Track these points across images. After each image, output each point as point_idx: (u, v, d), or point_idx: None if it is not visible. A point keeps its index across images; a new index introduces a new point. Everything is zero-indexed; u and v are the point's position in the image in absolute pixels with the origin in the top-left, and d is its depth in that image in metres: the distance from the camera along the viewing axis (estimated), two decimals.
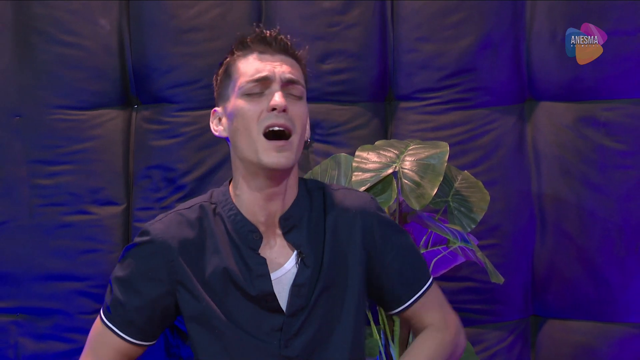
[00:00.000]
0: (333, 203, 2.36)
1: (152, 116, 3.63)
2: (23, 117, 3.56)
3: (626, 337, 3.57)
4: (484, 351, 3.63)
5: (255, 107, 2.20)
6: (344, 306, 2.32)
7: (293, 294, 2.26)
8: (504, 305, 3.64)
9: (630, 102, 3.55)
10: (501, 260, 3.57)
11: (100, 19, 3.57)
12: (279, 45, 2.27)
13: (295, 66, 2.27)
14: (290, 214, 2.29)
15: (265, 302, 2.24)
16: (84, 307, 3.57)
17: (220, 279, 2.24)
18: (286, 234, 2.29)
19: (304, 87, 2.28)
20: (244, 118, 2.21)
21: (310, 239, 2.30)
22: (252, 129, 2.19)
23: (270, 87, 2.22)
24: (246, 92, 2.22)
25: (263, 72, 2.22)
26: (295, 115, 2.21)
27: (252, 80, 2.22)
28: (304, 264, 2.28)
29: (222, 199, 2.32)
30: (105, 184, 3.60)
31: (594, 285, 3.58)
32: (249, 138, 2.20)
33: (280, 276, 2.26)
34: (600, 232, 3.57)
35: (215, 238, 2.27)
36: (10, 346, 3.56)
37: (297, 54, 2.31)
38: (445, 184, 3.25)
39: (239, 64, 2.26)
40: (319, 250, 2.30)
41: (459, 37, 3.60)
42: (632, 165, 3.55)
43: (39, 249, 3.54)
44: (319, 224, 2.33)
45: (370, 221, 2.37)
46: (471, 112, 3.63)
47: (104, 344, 2.30)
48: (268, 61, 2.24)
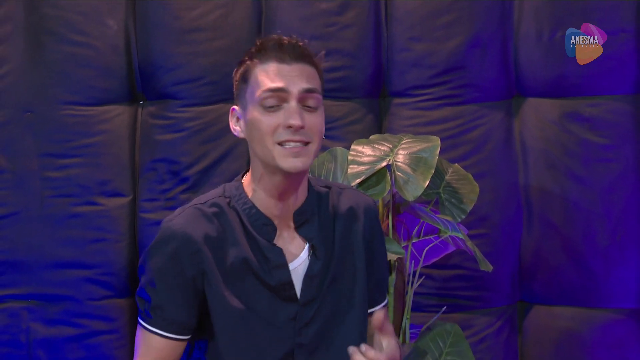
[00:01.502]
0: (341, 201, 2.36)
1: (157, 112, 3.65)
2: (34, 112, 3.59)
3: (608, 321, 3.59)
4: (473, 336, 3.64)
5: (271, 121, 2.16)
6: (351, 297, 2.33)
7: (306, 285, 2.26)
8: (492, 292, 3.66)
9: (612, 98, 3.58)
10: (490, 249, 3.58)
11: (108, 19, 3.60)
12: (296, 53, 2.20)
13: (312, 74, 2.21)
14: (304, 210, 2.28)
15: (284, 291, 2.24)
16: (93, 293, 3.60)
17: (241, 268, 2.23)
18: (298, 228, 2.28)
19: (320, 94, 2.23)
20: (260, 130, 2.17)
21: (321, 233, 2.30)
22: (268, 141, 2.16)
23: (287, 100, 2.17)
24: (263, 104, 2.18)
25: (279, 83, 2.16)
26: (312, 127, 2.18)
27: (269, 90, 2.16)
28: (316, 256, 2.28)
29: (235, 193, 2.28)
30: (113, 176, 3.62)
31: (578, 272, 3.60)
32: (263, 147, 2.17)
33: (295, 267, 2.27)
34: (584, 222, 3.59)
35: (232, 230, 2.25)
36: (22, 331, 3.59)
37: (314, 60, 2.24)
38: (437, 176, 3.27)
39: (256, 72, 2.20)
40: (329, 244, 2.31)
41: (449, 37, 3.62)
42: (614, 158, 3.57)
43: (50, 238, 3.57)
44: (328, 220, 2.33)
45: (371, 223, 2.38)
46: (461, 108, 3.65)
47: (152, 348, 2.24)
48: (285, 71, 2.18)
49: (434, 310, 3.52)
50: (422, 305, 3.59)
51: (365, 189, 3.13)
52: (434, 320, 3.33)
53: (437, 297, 3.65)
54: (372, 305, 2.40)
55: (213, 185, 3.44)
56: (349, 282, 2.32)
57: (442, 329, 3.30)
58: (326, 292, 2.29)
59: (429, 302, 3.63)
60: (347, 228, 2.34)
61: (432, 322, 3.33)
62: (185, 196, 3.61)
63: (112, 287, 3.63)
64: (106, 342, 3.62)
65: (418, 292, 3.46)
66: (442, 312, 3.41)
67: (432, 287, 3.65)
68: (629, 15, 3.55)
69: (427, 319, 3.39)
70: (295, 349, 2.26)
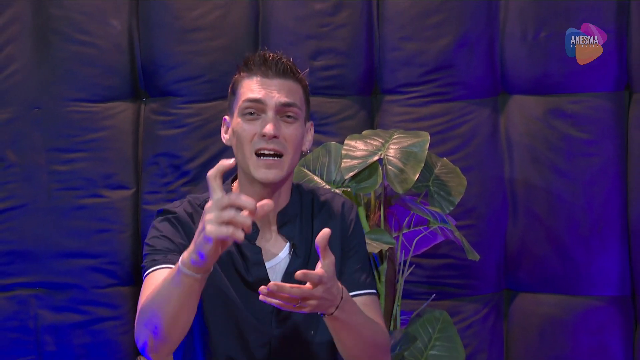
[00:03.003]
0: (321, 205, 2.38)
1: (159, 108, 3.67)
2: (42, 109, 3.61)
3: (589, 308, 3.61)
4: (461, 322, 3.65)
5: (249, 128, 2.23)
6: None
7: (285, 281, 2.25)
8: (479, 280, 3.67)
9: (594, 95, 3.60)
10: (477, 239, 3.59)
11: (112, 19, 3.62)
12: (278, 69, 2.25)
13: (293, 89, 2.27)
14: (286, 212, 2.32)
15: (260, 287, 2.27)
16: (98, 281, 3.63)
17: (225, 262, 2.25)
18: (280, 228, 2.32)
19: (300, 108, 2.28)
20: (240, 137, 2.24)
21: (301, 233, 2.33)
22: (246, 148, 2.23)
23: (265, 111, 2.23)
24: (243, 113, 2.25)
25: (258, 95, 2.23)
26: (288, 138, 2.24)
27: (247, 100, 2.24)
28: (296, 254, 2.31)
29: None
30: (117, 170, 3.64)
31: (561, 262, 3.62)
32: (243, 155, 2.24)
33: (274, 265, 2.30)
34: (567, 214, 3.61)
35: None
36: (30, 317, 3.61)
37: (298, 76, 2.29)
38: (426, 170, 3.27)
39: (241, 84, 2.27)
40: (308, 243, 2.32)
41: (438, 36, 3.63)
42: (596, 152, 3.59)
43: (57, 229, 3.60)
44: (308, 221, 2.36)
45: (348, 222, 2.38)
46: (449, 105, 3.66)
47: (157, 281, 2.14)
48: (266, 84, 2.25)
49: (424, 297, 3.51)
50: (412, 292, 3.59)
51: (358, 182, 3.15)
52: (423, 307, 3.34)
53: (427, 285, 3.66)
54: (357, 289, 2.35)
55: None
56: None
57: (432, 315, 3.31)
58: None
59: (418, 290, 3.63)
60: (324, 226, 2.30)
61: (421, 309, 3.34)
62: (186, 189, 3.63)
63: (116, 276, 3.65)
64: (111, 328, 3.64)
65: (408, 280, 3.44)
66: (432, 299, 3.39)
67: (421, 275, 3.65)
68: (610, 16, 3.56)
69: (417, 306, 3.40)
70: (272, 340, 2.29)
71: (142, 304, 2.11)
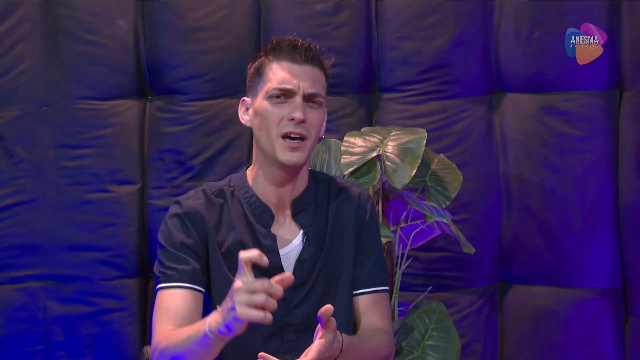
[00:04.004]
0: (337, 194, 2.40)
1: (164, 106, 3.68)
2: (51, 106, 3.62)
3: (581, 300, 3.60)
4: (457, 313, 3.65)
5: (277, 111, 2.24)
6: (340, 282, 2.36)
7: (297, 268, 2.30)
8: (474, 272, 3.68)
9: (586, 93, 3.59)
10: (472, 233, 3.59)
11: (118, 20, 3.63)
12: (307, 55, 2.27)
13: (319, 77, 2.30)
14: (301, 199, 2.34)
15: (273, 274, 2.12)
16: (105, 274, 3.63)
17: (236, 251, 2.18)
18: (295, 216, 2.34)
19: (323, 96, 2.30)
20: (267, 120, 2.25)
21: (315, 222, 2.34)
22: (272, 130, 2.24)
23: (293, 96, 2.25)
24: (272, 97, 2.25)
25: (289, 84, 2.24)
26: (312, 123, 2.26)
27: (278, 88, 2.24)
28: (308, 243, 2.32)
29: (239, 183, 2.35)
30: (123, 165, 3.65)
31: (553, 254, 3.62)
32: (268, 137, 2.25)
33: (287, 252, 2.31)
34: (559, 208, 3.60)
35: (233, 217, 2.30)
36: (39, 308, 3.61)
37: (323, 64, 2.32)
38: (423, 165, 3.28)
39: (269, 67, 2.28)
40: (322, 232, 2.34)
41: (435, 36, 3.63)
42: (588, 149, 3.58)
43: (65, 223, 3.60)
44: (323, 210, 2.37)
45: (363, 213, 2.40)
46: (446, 103, 3.66)
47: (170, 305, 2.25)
48: (295, 70, 2.26)
49: (421, 289, 3.50)
50: (409, 285, 3.60)
51: (357, 177, 3.15)
52: (420, 299, 3.34)
53: (424, 278, 3.66)
54: (372, 286, 2.40)
55: (216, 174, 3.56)
56: (338, 267, 2.36)
57: (428, 307, 3.30)
58: (317, 277, 2.33)
59: (416, 282, 3.64)
60: (339, 217, 2.39)
61: (418, 301, 3.33)
62: (190, 184, 3.63)
63: (122, 268, 3.66)
64: (117, 319, 3.65)
65: (406, 272, 3.45)
66: (428, 291, 3.39)
67: (419, 268, 3.66)
68: (602, 16, 3.55)
69: (414, 298, 3.38)
70: (284, 328, 2.30)
71: (164, 345, 2.17)
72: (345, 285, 2.38)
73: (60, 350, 3.65)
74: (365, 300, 2.42)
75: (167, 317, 2.23)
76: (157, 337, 2.23)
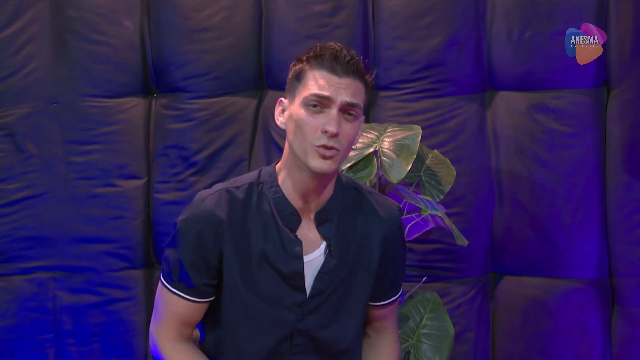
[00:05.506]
0: (367, 206, 2.34)
1: (169, 103, 3.69)
2: (60, 104, 3.64)
3: (570, 290, 3.62)
4: (450, 302, 3.66)
5: (313, 121, 2.17)
6: (356, 296, 2.34)
7: (317, 279, 2.27)
8: (467, 263, 3.69)
9: (575, 91, 3.60)
10: (465, 226, 3.61)
11: (125, 20, 3.64)
12: (348, 67, 2.18)
13: (358, 89, 2.21)
14: (325, 209, 2.28)
15: (293, 280, 2.24)
16: (112, 265, 3.66)
17: (257, 255, 2.22)
18: (319, 226, 2.28)
19: (361, 108, 2.22)
20: (302, 128, 2.18)
21: (339, 234, 2.29)
22: (307, 139, 2.17)
23: (330, 107, 2.17)
24: (307, 104, 2.19)
25: (326, 92, 2.17)
26: (346, 135, 2.18)
27: (315, 95, 2.17)
28: (331, 255, 2.28)
29: (268, 179, 2.29)
30: (129, 161, 3.66)
31: (543, 246, 3.63)
32: (301, 143, 2.19)
33: (311, 260, 2.28)
34: (549, 202, 3.61)
35: (258, 217, 2.25)
36: (49, 298, 3.64)
37: (365, 77, 2.23)
38: (418, 161, 3.28)
39: (309, 74, 2.20)
40: (346, 246, 2.29)
41: (429, 36, 3.63)
42: (576, 145, 3.59)
43: (73, 216, 3.62)
44: (350, 222, 2.30)
45: (393, 230, 2.38)
46: (440, 100, 3.67)
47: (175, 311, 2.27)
48: (334, 81, 2.18)
49: (416, 280, 3.49)
50: (405, 275, 3.29)
51: (354, 172, 3.14)
52: (415, 289, 3.34)
53: (419, 269, 3.67)
54: (384, 299, 2.44)
55: (218, 169, 3.61)
56: (358, 281, 2.34)
57: (423, 296, 3.32)
58: (335, 288, 2.31)
59: (411, 273, 3.62)
60: (367, 231, 2.34)
61: (413, 291, 3.34)
62: (194, 179, 3.65)
63: (129, 260, 3.69)
64: (124, 308, 3.67)
65: None
66: (423, 282, 3.38)
67: (414, 259, 3.66)
68: (590, 17, 3.53)
69: (409, 288, 3.37)
70: (294, 333, 2.29)
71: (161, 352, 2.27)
72: (363, 298, 2.38)
73: (69, 339, 3.67)
74: (381, 309, 2.48)
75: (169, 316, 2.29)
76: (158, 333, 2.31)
